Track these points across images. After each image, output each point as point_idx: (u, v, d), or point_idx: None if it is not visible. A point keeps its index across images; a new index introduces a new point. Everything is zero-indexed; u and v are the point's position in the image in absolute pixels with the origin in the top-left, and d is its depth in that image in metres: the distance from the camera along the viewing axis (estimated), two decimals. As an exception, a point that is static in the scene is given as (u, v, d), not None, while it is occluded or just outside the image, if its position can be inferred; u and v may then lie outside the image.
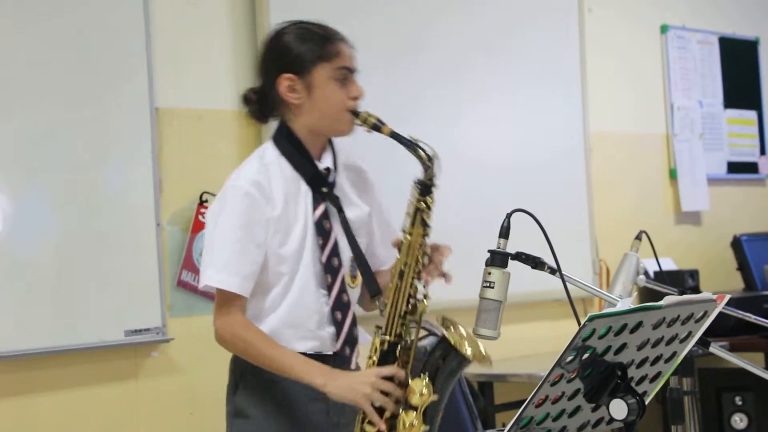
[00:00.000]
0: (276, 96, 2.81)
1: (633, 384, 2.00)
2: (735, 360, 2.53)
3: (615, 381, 1.92)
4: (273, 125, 4.19)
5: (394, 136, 2.70)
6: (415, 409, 2.69)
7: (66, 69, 3.82)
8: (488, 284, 2.44)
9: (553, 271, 2.42)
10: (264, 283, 2.79)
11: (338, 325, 2.82)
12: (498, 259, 2.44)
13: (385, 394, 2.65)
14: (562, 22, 5.52)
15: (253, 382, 2.78)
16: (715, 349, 2.50)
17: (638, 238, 3.07)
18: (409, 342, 2.73)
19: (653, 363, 2.05)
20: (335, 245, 2.82)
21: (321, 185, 2.82)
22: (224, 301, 2.78)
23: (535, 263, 2.47)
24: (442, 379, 2.72)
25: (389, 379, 2.67)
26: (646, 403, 1.99)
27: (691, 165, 6.26)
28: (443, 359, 2.71)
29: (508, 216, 2.45)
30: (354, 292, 2.89)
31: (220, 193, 2.81)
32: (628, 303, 1.94)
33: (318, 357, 2.78)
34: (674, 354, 2.09)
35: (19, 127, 3.72)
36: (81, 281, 3.80)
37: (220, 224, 2.76)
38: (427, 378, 2.69)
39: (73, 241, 3.80)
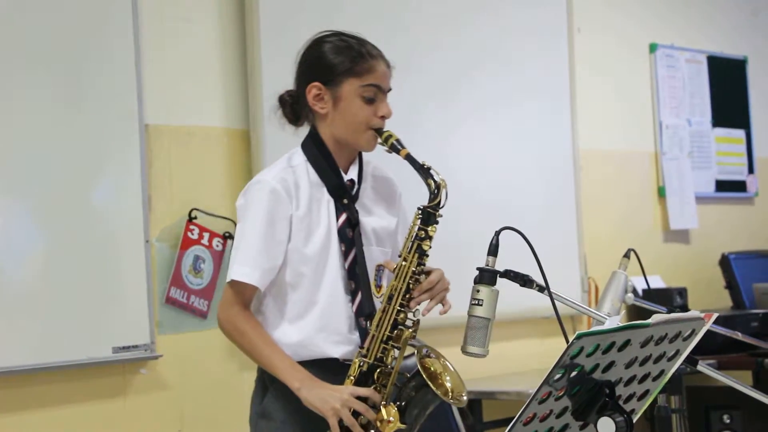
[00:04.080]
0: (305, 103, 2.86)
1: (621, 402, 2.00)
2: (723, 378, 2.53)
3: (603, 399, 1.92)
4: (261, 141, 4.23)
5: (409, 158, 2.77)
6: None
7: (55, 85, 3.82)
8: (477, 302, 2.45)
9: (541, 289, 2.43)
10: (283, 282, 2.84)
11: (362, 332, 2.84)
12: (487, 276, 2.45)
13: (356, 414, 2.69)
14: (552, 42, 5.54)
15: (282, 387, 2.79)
16: (703, 367, 2.50)
17: (627, 256, 3.08)
18: (389, 367, 2.76)
19: (641, 381, 2.05)
20: (357, 253, 2.86)
21: (342, 196, 2.87)
22: (238, 292, 2.81)
23: (524, 281, 2.47)
24: (412, 409, 2.74)
25: (363, 400, 2.71)
26: (634, 421, 2.00)
27: (679, 183, 6.28)
28: (416, 391, 2.72)
29: (497, 233, 2.45)
30: (378, 302, 2.88)
31: (245, 190, 2.87)
32: (616, 321, 1.94)
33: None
34: (662, 372, 2.09)
35: (8, 143, 3.71)
36: (69, 298, 3.79)
37: (246, 221, 2.82)
38: (397, 407, 2.71)
39: (61, 257, 3.79)
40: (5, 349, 3.66)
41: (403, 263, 2.77)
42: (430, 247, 2.78)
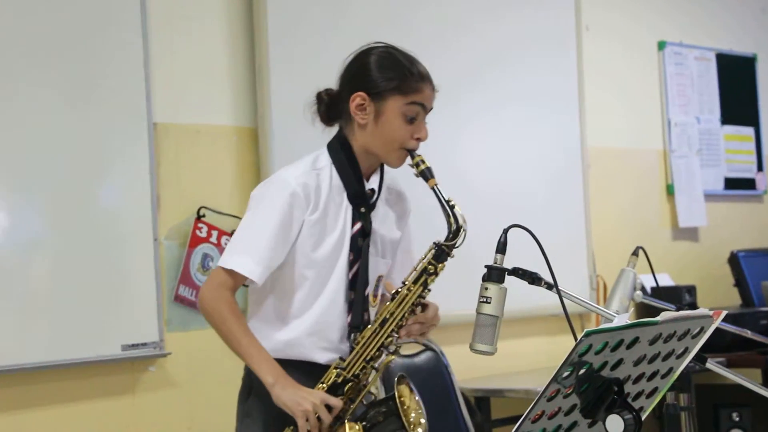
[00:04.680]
0: (345, 109, 2.86)
1: (629, 400, 1.99)
2: (732, 376, 2.52)
3: (611, 396, 1.92)
4: (270, 139, 4.23)
5: (435, 191, 2.76)
6: None
7: (63, 84, 3.83)
8: (485, 299, 2.45)
9: (549, 287, 2.43)
10: (285, 283, 2.84)
11: (352, 344, 2.84)
12: (495, 274, 2.45)
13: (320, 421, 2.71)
14: (560, 40, 5.53)
15: (264, 390, 2.79)
16: (711, 365, 2.49)
17: (635, 253, 3.07)
18: (362, 385, 2.79)
19: (650, 379, 2.05)
20: (362, 265, 2.86)
21: (361, 204, 2.86)
22: (231, 279, 2.79)
23: (532, 279, 2.47)
24: None
25: (329, 409, 2.72)
26: (643, 419, 1.99)
27: (688, 181, 6.27)
28: (384, 417, 2.73)
29: (505, 231, 2.45)
30: (373, 311, 2.92)
31: (267, 183, 2.88)
32: (624, 318, 1.93)
33: None
34: (671, 370, 2.09)
35: (16, 142, 3.72)
36: (78, 296, 3.80)
37: (259, 213, 2.81)
38: (361, 427, 2.72)
39: (70, 255, 3.80)
40: (15, 347, 3.67)
41: (406, 292, 2.79)
42: (434, 282, 2.80)
